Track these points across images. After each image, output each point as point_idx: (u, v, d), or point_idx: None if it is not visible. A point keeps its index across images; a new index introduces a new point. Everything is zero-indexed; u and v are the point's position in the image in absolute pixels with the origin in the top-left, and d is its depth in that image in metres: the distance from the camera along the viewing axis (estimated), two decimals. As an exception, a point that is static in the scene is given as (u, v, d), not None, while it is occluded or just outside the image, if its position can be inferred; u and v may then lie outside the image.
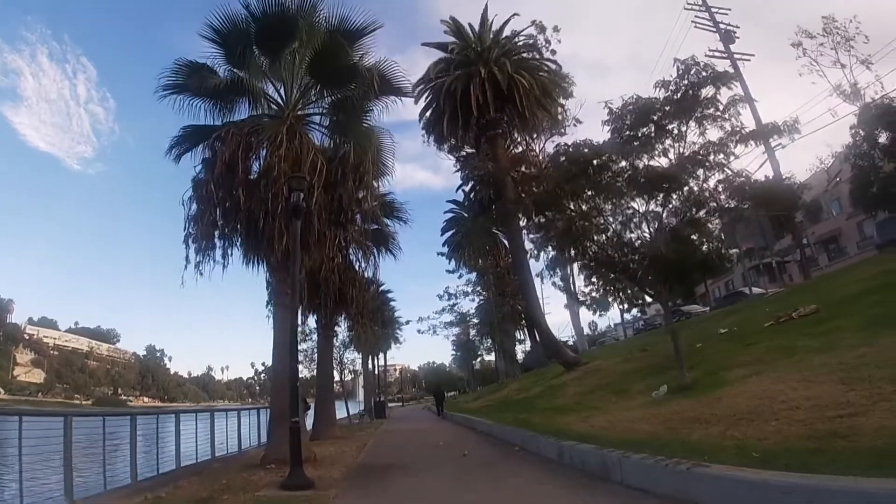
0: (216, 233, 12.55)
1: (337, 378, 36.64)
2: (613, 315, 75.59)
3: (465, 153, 44.63)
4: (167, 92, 13.07)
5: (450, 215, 51.57)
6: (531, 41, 31.53)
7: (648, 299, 14.56)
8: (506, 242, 48.81)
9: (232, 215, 12.19)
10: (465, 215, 49.37)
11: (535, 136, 36.29)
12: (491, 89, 27.93)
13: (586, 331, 53.67)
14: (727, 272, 54.94)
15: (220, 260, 12.71)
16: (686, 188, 12.55)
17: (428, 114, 32.29)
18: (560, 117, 37.67)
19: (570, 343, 67.53)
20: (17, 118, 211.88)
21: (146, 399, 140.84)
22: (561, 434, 9.83)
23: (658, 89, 14.69)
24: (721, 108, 13.75)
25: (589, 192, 13.36)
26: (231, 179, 11.91)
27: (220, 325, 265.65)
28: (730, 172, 13.24)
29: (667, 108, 13.70)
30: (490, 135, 29.11)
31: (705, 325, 21.19)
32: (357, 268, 19.14)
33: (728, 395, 8.70)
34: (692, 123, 13.64)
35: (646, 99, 14.27)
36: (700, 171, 12.82)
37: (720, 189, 13.17)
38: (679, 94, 13.93)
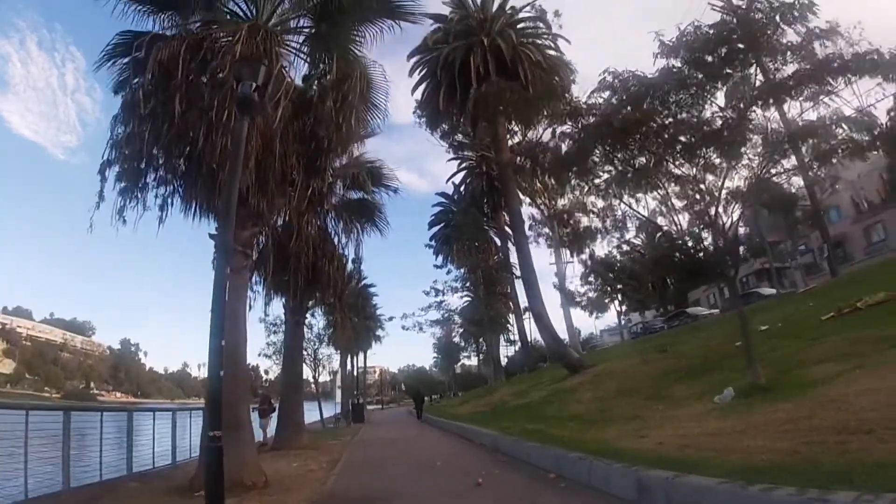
0: (144, 165, 9.39)
1: (310, 376, 33.30)
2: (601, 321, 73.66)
3: (458, 139, 42.56)
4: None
5: (438, 209, 49.99)
6: (537, 15, 28.78)
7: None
8: (496, 240, 46.86)
9: (165, 136, 9.00)
10: (454, 209, 47.18)
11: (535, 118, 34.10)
12: (493, 60, 25.37)
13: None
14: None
15: (152, 206, 9.58)
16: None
17: (422, 88, 29.55)
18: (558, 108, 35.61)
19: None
20: (3, 105, 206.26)
21: (118, 394, 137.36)
22: (623, 456, 6.84)
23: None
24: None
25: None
26: (166, 86, 8.79)
27: (198, 322, 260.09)
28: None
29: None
30: (491, 112, 25.95)
31: (732, 325, 18.69)
32: (336, 242, 16.14)
33: (839, 396, 6.83)
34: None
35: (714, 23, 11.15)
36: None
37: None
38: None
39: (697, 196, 10.26)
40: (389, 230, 17.69)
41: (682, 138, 10.02)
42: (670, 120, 10.17)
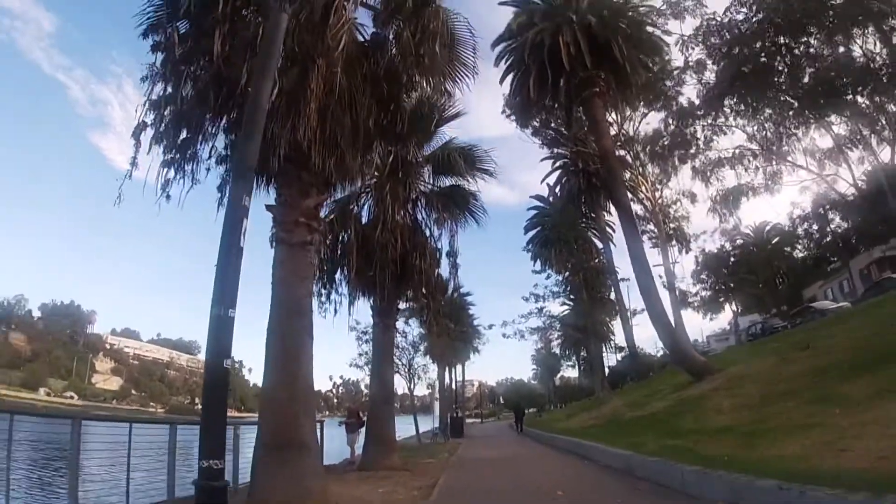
0: (188, 130, 7.94)
1: (403, 387, 31.40)
2: (708, 326, 68.90)
3: (552, 133, 40.36)
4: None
5: (533, 212, 48.15)
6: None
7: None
8: (597, 242, 44.21)
9: (203, 83, 7.48)
10: (550, 212, 45.12)
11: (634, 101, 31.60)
12: (584, 39, 22.93)
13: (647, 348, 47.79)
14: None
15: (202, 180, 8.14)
16: None
17: (510, 78, 27.47)
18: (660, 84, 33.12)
19: (657, 353, 61.82)
20: (104, 143, 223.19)
21: None
22: (841, 480, 4.64)
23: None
24: None
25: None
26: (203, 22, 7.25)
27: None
28: None
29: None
30: (586, 95, 23.70)
31: (876, 315, 17.19)
32: (427, 235, 14.40)
33: None
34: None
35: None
36: None
37: None
38: None
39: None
40: (485, 233, 15.84)
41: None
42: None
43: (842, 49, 14.10)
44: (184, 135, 8.02)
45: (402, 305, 17.91)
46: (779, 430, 8.53)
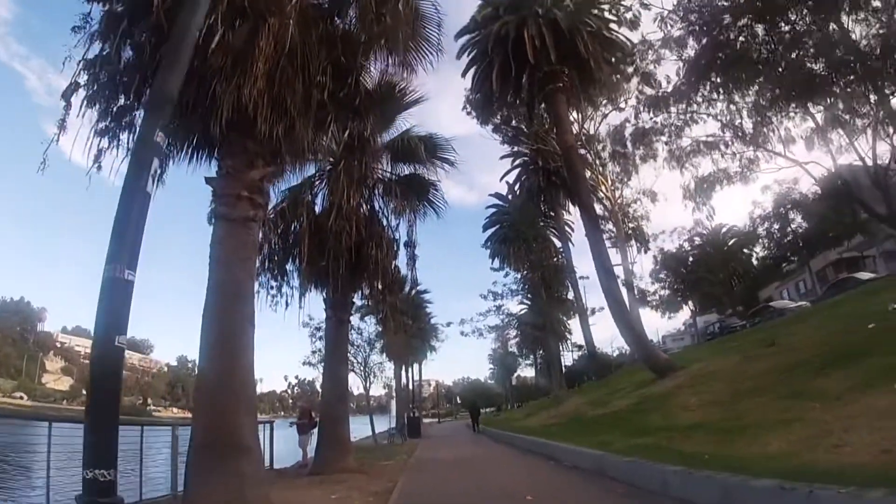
0: (125, 93, 7.07)
1: (359, 386, 30.42)
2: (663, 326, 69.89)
3: (513, 129, 39.99)
4: None
5: (492, 210, 48.00)
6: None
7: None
8: (556, 242, 44.07)
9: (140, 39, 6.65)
10: (508, 210, 44.91)
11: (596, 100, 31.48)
12: (550, 33, 22.67)
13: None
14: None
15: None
16: None
17: (472, 71, 27.07)
18: (625, 84, 33.11)
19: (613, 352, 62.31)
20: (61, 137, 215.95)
21: (175, 410, 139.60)
22: (848, 479, 4.16)
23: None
24: None
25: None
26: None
27: (258, 339, 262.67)
28: None
29: None
30: (549, 90, 23.33)
31: (839, 313, 17.34)
32: (384, 224, 13.68)
33: None
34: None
35: None
36: None
37: None
38: None
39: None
40: (445, 232, 15.29)
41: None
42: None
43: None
44: (121, 101, 7.16)
45: (358, 302, 17.13)
46: (756, 427, 8.09)
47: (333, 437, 13.92)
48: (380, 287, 13.73)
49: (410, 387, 46.93)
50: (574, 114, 34.74)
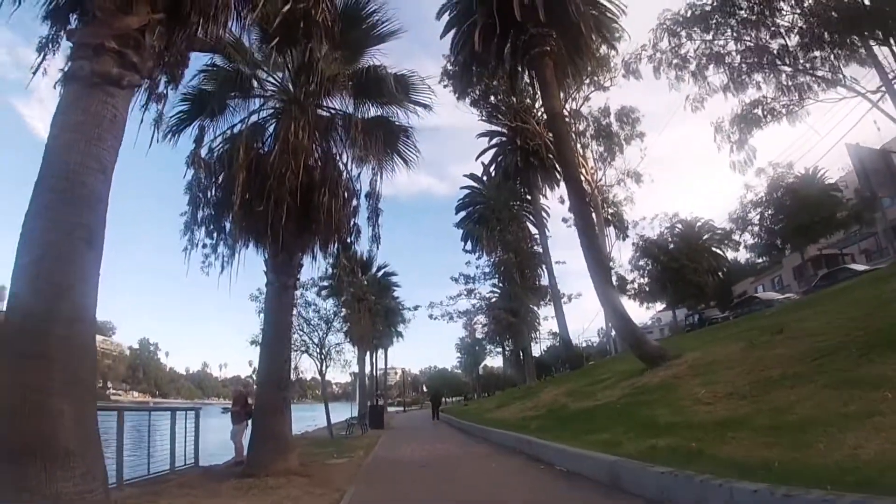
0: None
1: (312, 369, 26.66)
2: (637, 318, 68.82)
3: (490, 106, 38.19)
4: None
5: (466, 191, 47.31)
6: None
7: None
8: (531, 228, 42.63)
9: None
10: (483, 191, 43.46)
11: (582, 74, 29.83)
12: (539, -9, 20.54)
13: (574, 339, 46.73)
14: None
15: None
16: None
17: (452, 33, 25.07)
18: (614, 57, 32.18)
19: (581, 344, 61.47)
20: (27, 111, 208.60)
21: (136, 394, 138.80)
22: None
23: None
24: None
25: None
26: None
27: (222, 321, 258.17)
28: None
29: None
30: (535, 53, 21.21)
31: (848, 299, 15.92)
32: (342, 169, 11.46)
33: None
34: None
35: None
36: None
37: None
38: None
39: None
40: (414, 222, 13.16)
41: None
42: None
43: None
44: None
45: (310, 269, 14.61)
46: (816, 423, 6.13)
47: (269, 431, 11.29)
48: (335, 244, 11.35)
49: (375, 374, 44.96)
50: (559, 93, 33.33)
